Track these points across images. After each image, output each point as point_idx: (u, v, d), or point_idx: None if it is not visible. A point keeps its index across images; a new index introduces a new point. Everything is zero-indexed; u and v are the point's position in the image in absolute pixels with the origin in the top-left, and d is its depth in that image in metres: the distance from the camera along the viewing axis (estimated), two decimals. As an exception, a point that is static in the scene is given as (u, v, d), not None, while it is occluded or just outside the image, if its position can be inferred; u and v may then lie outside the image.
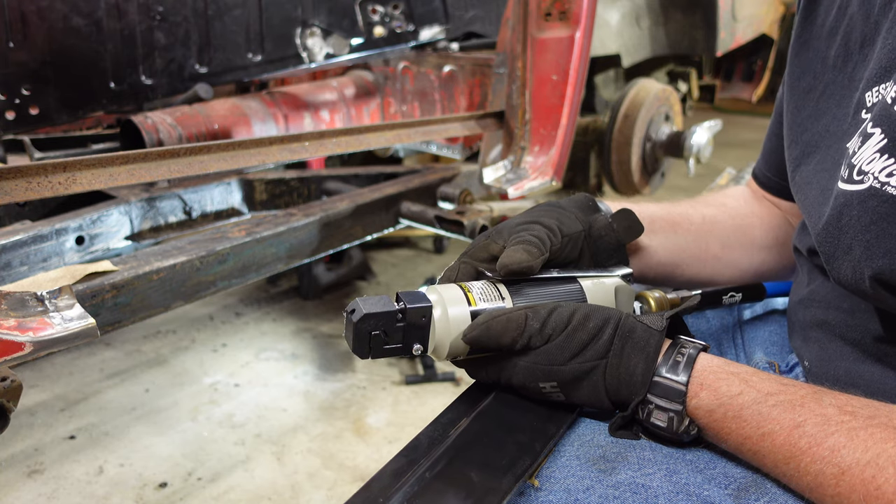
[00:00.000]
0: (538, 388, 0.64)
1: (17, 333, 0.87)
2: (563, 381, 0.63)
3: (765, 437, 0.56)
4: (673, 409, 0.60)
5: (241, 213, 1.85)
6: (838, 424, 0.53)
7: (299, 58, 2.13)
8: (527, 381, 0.64)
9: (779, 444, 0.55)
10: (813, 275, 0.81)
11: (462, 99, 2.28)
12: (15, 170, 1.02)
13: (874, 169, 0.55)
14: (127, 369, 2.29)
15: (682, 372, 0.60)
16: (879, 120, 0.56)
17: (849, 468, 0.51)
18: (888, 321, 0.67)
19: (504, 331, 0.63)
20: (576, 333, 0.63)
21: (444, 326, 0.65)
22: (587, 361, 0.62)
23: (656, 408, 0.61)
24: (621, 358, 0.62)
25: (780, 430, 0.55)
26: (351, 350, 0.64)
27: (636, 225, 0.80)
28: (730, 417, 0.58)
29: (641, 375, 0.61)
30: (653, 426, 0.61)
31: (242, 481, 1.77)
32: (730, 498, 0.56)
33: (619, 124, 2.57)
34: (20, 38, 1.68)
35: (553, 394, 0.64)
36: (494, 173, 1.84)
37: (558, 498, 0.58)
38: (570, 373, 0.62)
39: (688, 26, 2.85)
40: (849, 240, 0.59)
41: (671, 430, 0.60)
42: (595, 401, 0.64)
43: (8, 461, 1.83)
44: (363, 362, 2.35)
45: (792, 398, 0.57)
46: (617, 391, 0.62)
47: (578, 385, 0.63)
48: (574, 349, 0.62)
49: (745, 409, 0.57)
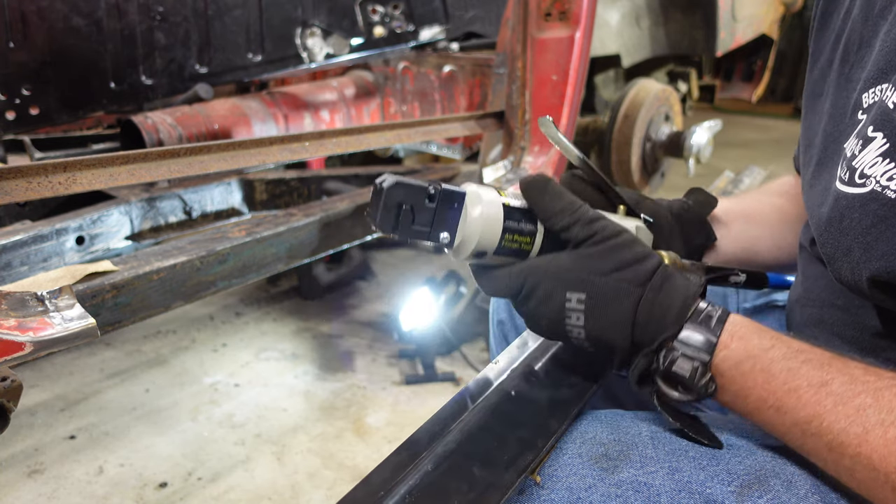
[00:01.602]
0: (562, 302, 0.60)
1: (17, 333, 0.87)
2: (594, 296, 0.59)
3: (791, 392, 0.55)
4: (699, 359, 0.58)
5: (241, 213, 1.85)
6: (864, 384, 0.53)
7: (299, 58, 2.13)
8: (556, 288, 0.60)
9: (804, 400, 0.54)
10: (809, 271, 0.81)
11: (462, 99, 2.28)
12: (15, 170, 1.02)
13: (876, 173, 0.56)
14: (127, 369, 2.29)
15: (715, 325, 0.59)
16: (881, 125, 0.56)
17: (872, 428, 0.50)
18: (884, 317, 0.67)
19: (560, 195, 0.61)
20: (620, 249, 0.61)
21: (476, 218, 0.60)
22: (626, 282, 0.59)
23: (682, 356, 0.59)
24: (659, 293, 0.60)
25: (807, 386, 0.54)
26: (376, 224, 0.58)
27: (710, 198, 0.82)
28: (758, 370, 0.57)
29: (677, 313, 0.59)
30: (673, 376, 0.59)
31: (242, 481, 1.77)
32: (733, 495, 0.56)
33: (619, 124, 2.57)
34: (20, 38, 1.67)
35: (574, 314, 0.60)
36: (494, 173, 1.84)
37: (560, 496, 0.58)
38: (605, 286, 0.59)
39: (688, 26, 2.85)
40: (849, 241, 0.59)
41: (692, 382, 0.58)
42: (616, 332, 0.60)
43: (8, 461, 1.82)
44: (363, 362, 2.35)
45: (820, 357, 0.56)
46: (645, 326, 0.60)
47: (607, 306, 0.59)
48: (615, 263, 0.60)
49: (775, 364, 0.56)
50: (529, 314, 0.63)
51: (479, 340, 2.46)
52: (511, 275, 0.62)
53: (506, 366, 0.74)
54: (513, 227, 0.62)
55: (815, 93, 0.77)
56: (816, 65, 0.78)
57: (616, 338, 0.60)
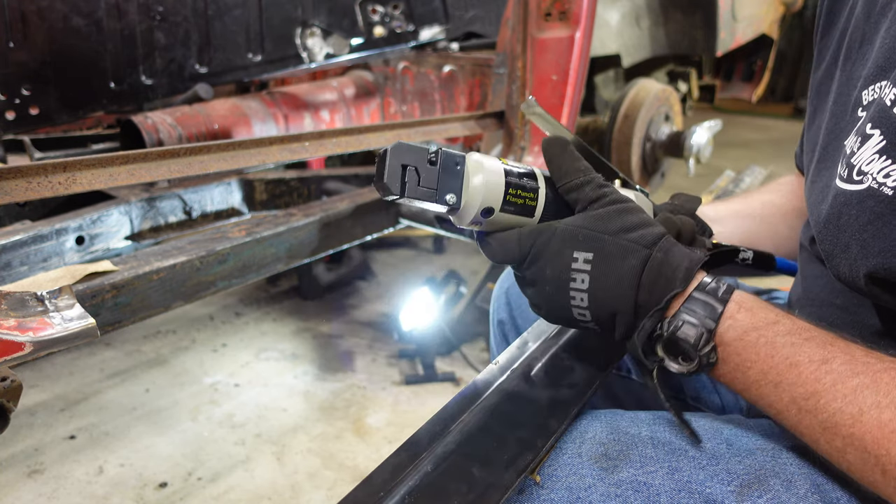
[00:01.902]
0: (569, 262, 0.60)
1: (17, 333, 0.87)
2: (602, 254, 0.59)
3: (792, 367, 0.55)
4: (705, 326, 0.58)
5: (241, 213, 1.85)
6: (865, 365, 0.53)
7: (299, 58, 2.13)
8: (564, 247, 0.60)
9: (804, 377, 0.54)
10: (809, 270, 0.81)
11: (462, 99, 2.28)
12: (15, 170, 1.02)
13: (873, 170, 0.56)
14: (127, 369, 2.29)
15: (723, 294, 0.58)
16: (879, 121, 0.56)
17: (868, 409, 0.51)
18: (884, 315, 0.67)
19: (576, 157, 0.63)
20: (628, 213, 0.61)
21: (479, 176, 0.61)
22: (633, 242, 0.59)
23: (686, 323, 0.58)
24: (666, 254, 0.60)
25: (808, 362, 0.54)
26: (384, 186, 0.58)
27: (692, 197, 0.83)
28: (762, 343, 0.57)
29: (684, 274, 0.59)
30: (675, 342, 0.58)
31: (242, 481, 1.77)
32: (732, 495, 0.56)
33: (619, 124, 2.57)
34: (20, 38, 1.67)
35: (579, 276, 0.60)
36: (494, 173, 1.84)
37: (560, 496, 0.58)
38: (612, 244, 0.59)
39: (688, 26, 2.85)
40: (847, 238, 0.59)
41: (695, 350, 0.58)
42: (622, 292, 0.59)
43: (8, 461, 1.82)
44: (363, 362, 2.35)
45: (823, 336, 0.56)
46: (653, 285, 0.59)
47: (614, 264, 0.59)
48: (624, 224, 0.60)
49: (780, 338, 0.56)
50: (533, 279, 0.63)
51: (479, 340, 2.46)
52: (521, 236, 0.62)
53: (506, 366, 0.74)
54: (515, 183, 0.63)
55: (822, 92, 0.77)
56: (822, 64, 0.78)
57: (620, 299, 0.59)
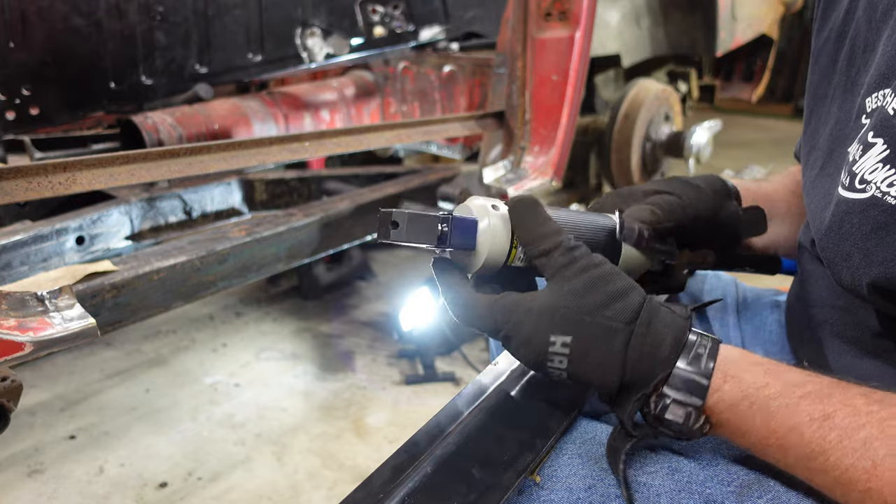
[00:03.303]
0: (545, 346, 0.56)
1: (17, 333, 0.87)
2: (581, 338, 0.56)
3: (793, 430, 0.53)
4: (692, 404, 0.56)
5: (241, 213, 1.85)
6: (868, 415, 0.51)
7: (299, 58, 2.13)
8: (538, 330, 0.57)
9: (808, 437, 0.52)
10: (809, 271, 0.81)
11: (462, 99, 2.28)
12: (15, 170, 1.02)
13: (877, 179, 0.55)
14: (127, 369, 2.29)
15: (706, 363, 0.56)
16: (882, 130, 0.56)
17: (881, 461, 0.48)
18: (885, 317, 0.67)
19: (545, 220, 0.59)
20: (602, 282, 0.57)
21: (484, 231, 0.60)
22: (613, 320, 0.56)
23: (673, 402, 0.56)
24: (648, 328, 0.56)
25: (809, 421, 0.52)
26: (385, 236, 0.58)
27: (761, 226, 0.82)
28: (755, 410, 0.55)
29: (669, 348, 0.56)
30: (666, 423, 0.57)
31: (242, 481, 1.77)
32: (733, 496, 0.56)
33: (619, 124, 2.57)
34: (20, 38, 1.67)
35: (557, 357, 0.57)
36: (494, 173, 1.84)
37: (560, 497, 0.58)
38: (591, 326, 0.56)
39: (688, 26, 2.85)
40: (849, 247, 0.59)
41: (686, 427, 0.56)
42: (605, 374, 0.56)
43: (8, 461, 1.82)
44: (363, 362, 2.36)
45: (819, 389, 0.54)
46: (637, 364, 0.56)
47: (595, 348, 0.56)
48: (600, 298, 0.57)
49: (772, 401, 0.54)
50: (510, 351, 0.61)
51: (479, 340, 2.46)
52: (493, 310, 0.59)
53: (506, 366, 0.74)
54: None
55: (819, 94, 0.76)
56: (818, 65, 0.78)
57: (602, 379, 0.57)
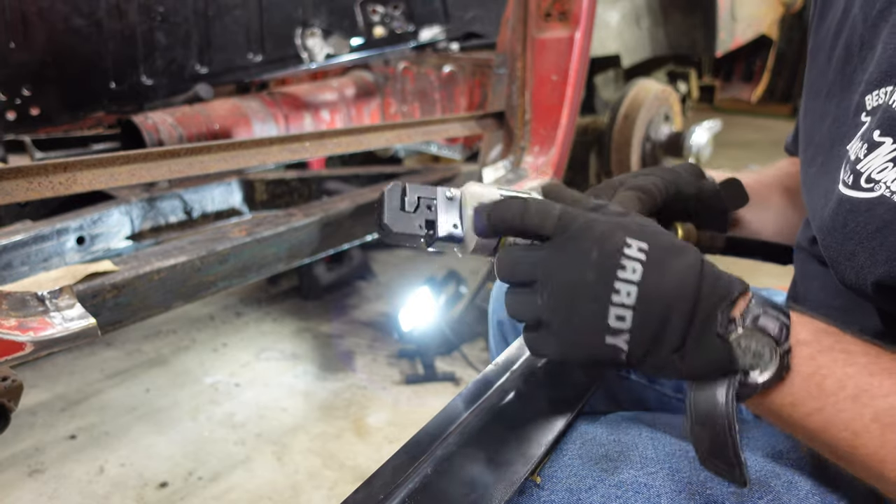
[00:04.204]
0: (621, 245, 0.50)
1: (17, 333, 0.87)
2: (658, 246, 0.51)
3: (873, 376, 0.48)
4: (782, 320, 0.50)
5: (241, 213, 1.85)
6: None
7: (299, 58, 2.13)
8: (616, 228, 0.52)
9: (886, 387, 0.47)
10: (806, 271, 0.81)
11: (462, 99, 2.28)
12: (16, 170, 1.02)
13: (886, 178, 0.55)
14: (127, 369, 2.29)
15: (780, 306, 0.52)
16: (889, 129, 0.55)
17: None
18: (885, 317, 0.67)
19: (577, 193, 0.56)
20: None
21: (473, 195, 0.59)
22: (684, 244, 0.53)
23: (764, 314, 0.50)
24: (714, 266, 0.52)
25: (887, 373, 0.48)
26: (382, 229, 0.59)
27: (742, 195, 0.82)
28: (838, 349, 0.50)
29: (737, 278, 0.52)
30: (761, 329, 0.49)
31: (243, 481, 1.77)
32: (733, 496, 0.57)
33: (619, 124, 2.58)
34: (21, 38, 1.68)
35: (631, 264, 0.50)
36: (494, 173, 1.84)
37: (560, 497, 0.58)
38: (667, 240, 0.52)
39: (687, 27, 2.85)
40: (853, 246, 0.59)
41: (778, 342, 0.49)
42: (683, 284, 0.50)
43: (9, 461, 1.83)
44: (363, 362, 2.36)
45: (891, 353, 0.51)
46: (716, 279, 0.51)
47: (672, 257, 0.51)
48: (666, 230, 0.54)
49: (853, 345, 0.51)
50: (560, 266, 0.52)
51: (479, 340, 2.46)
52: (563, 210, 0.53)
53: (506, 366, 0.74)
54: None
55: (815, 91, 0.77)
56: (815, 62, 0.78)
57: (679, 290, 0.49)
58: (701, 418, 0.50)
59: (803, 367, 0.50)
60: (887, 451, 0.46)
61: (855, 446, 0.47)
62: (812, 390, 0.49)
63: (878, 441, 0.46)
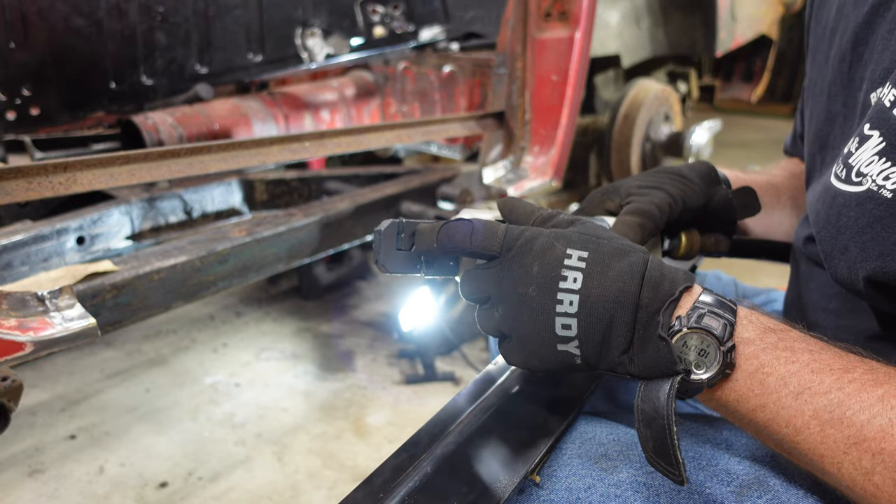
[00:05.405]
0: (561, 257, 0.52)
1: (17, 333, 0.87)
2: (598, 253, 0.53)
3: (814, 374, 0.48)
4: (726, 318, 0.50)
5: (241, 213, 1.85)
6: (887, 375, 0.47)
7: (299, 58, 2.13)
8: (556, 241, 0.54)
9: (827, 385, 0.47)
10: (802, 274, 0.81)
11: (462, 99, 2.28)
12: (16, 170, 1.02)
13: (872, 172, 0.55)
14: (127, 369, 2.29)
15: (728, 299, 0.52)
16: (877, 122, 0.55)
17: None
18: (879, 319, 0.67)
19: (530, 206, 0.59)
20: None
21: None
22: (630, 245, 0.54)
23: (708, 312, 0.50)
24: (660, 264, 0.54)
25: (829, 370, 0.48)
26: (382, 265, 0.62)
27: (755, 205, 0.81)
28: (781, 347, 0.50)
29: (684, 274, 0.53)
30: (704, 328, 0.50)
31: (243, 481, 1.77)
32: (732, 495, 0.56)
33: (619, 124, 2.58)
34: (21, 38, 1.68)
35: (572, 273, 0.52)
36: (494, 173, 1.84)
37: (560, 497, 0.58)
38: (608, 245, 0.53)
39: (687, 27, 2.85)
40: (845, 240, 0.59)
41: (721, 341, 0.50)
42: (622, 287, 0.51)
43: (9, 461, 1.83)
44: (363, 362, 2.36)
45: (838, 345, 0.51)
46: (658, 282, 0.52)
47: (613, 262, 0.52)
48: (611, 234, 0.56)
49: (797, 343, 0.50)
50: (511, 281, 0.54)
51: (479, 340, 2.46)
52: (508, 228, 0.56)
53: (505, 366, 0.74)
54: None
55: (818, 90, 0.77)
56: (815, 62, 0.78)
57: (619, 297, 0.51)
58: (646, 419, 0.51)
59: (747, 365, 0.51)
60: (826, 447, 0.47)
61: (797, 442, 0.49)
62: (755, 387, 0.50)
63: (817, 437, 0.47)
